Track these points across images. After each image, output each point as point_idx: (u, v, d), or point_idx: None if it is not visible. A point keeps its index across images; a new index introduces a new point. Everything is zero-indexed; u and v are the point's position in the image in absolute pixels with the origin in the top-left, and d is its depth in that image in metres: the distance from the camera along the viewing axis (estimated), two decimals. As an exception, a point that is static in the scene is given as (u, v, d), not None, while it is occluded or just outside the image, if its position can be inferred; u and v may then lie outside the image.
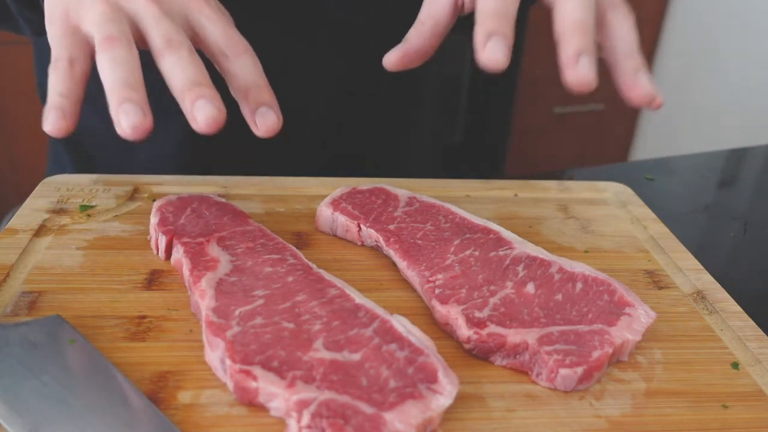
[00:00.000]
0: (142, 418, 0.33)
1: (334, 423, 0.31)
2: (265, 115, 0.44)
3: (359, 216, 0.51)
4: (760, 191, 0.77)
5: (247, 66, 0.44)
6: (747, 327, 0.44)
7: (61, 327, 0.39)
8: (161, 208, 0.49)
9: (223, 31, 0.44)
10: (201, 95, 0.40)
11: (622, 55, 0.44)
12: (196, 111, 0.40)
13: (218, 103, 0.41)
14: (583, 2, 0.42)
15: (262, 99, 0.44)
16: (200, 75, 0.41)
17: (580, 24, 0.42)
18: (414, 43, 0.48)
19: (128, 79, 0.40)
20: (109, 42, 0.41)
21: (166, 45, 0.42)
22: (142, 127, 0.39)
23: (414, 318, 0.41)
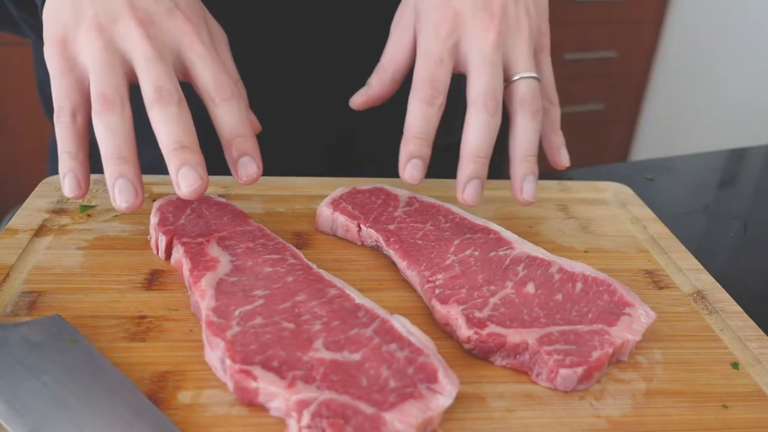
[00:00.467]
0: (142, 418, 0.33)
1: (334, 423, 0.31)
2: (246, 165, 0.46)
3: (359, 216, 0.51)
4: (760, 191, 0.77)
5: (232, 113, 0.46)
6: (747, 327, 0.44)
7: (61, 327, 0.39)
8: (161, 208, 0.49)
9: (212, 74, 0.46)
10: (185, 162, 0.42)
11: (518, 158, 0.50)
12: (180, 178, 0.42)
13: (201, 170, 0.43)
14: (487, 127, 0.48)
15: (243, 148, 0.46)
16: (186, 136, 0.43)
17: (475, 152, 0.48)
18: (376, 89, 0.55)
19: (121, 149, 0.43)
20: (104, 104, 0.43)
21: (156, 97, 0.43)
22: (133, 206, 0.42)
23: (414, 318, 0.41)
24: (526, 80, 0.50)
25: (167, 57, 0.45)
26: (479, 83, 0.49)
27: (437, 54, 0.49)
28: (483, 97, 0.48)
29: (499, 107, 0.49)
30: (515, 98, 0.50)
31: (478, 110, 0.48)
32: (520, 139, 0.50)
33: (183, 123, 0.43)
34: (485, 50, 0.49)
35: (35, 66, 0.74)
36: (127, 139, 0.43)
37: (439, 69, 0.49)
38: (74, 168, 0.45)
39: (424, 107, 0.48)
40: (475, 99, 0.48)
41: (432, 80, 0.49)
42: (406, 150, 0.48)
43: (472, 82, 0.49)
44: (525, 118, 0.50)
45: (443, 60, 0.49)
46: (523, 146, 0.50)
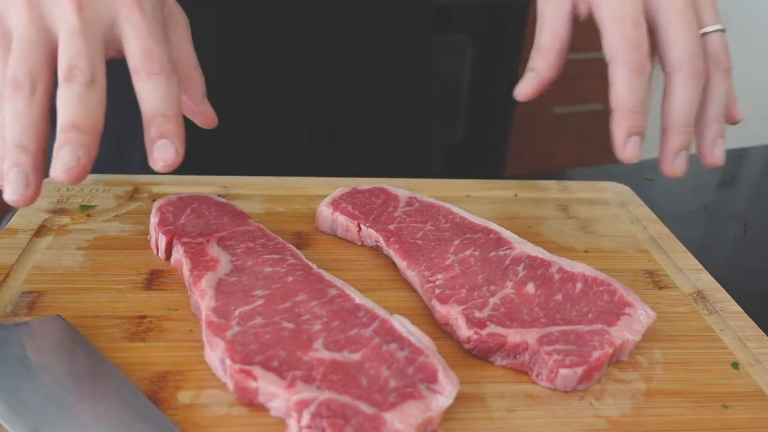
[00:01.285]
0: (142, 418, 0.33)
1: (334, 423, 0.31)
2: (164, 149, 0.40)
3: (359, 216, 0.51)
4: (760, 191, 0.77)
5: (159, 89, 0.41)
6: (747, 327, 0.44)
7: (61, 327, 0.39)
8: (161, 208, 0.49)
9: (142, 45, 0.41)
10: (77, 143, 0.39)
11: (711, 116, 0.46)
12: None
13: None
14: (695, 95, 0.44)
15: (165, 129, 0.41)
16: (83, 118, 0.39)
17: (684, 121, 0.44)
18: (545, 72, 0.48)
19: (21, 137, 0.39)
20: (13, 88, 0.39)
21: (66, 75, 0.40)
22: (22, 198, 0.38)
23: (414, 318, 0.41)
24: (717, 33, 0.46)
25: (97, 30, 0.41)
26: (680, 44, 0.44)
27: (632, 16, 0.44)
28: (690, 60, 0.44)
29: (704, 66, 0.45)
30: (707, 53, 0.45)
31: (686, 76, 0.44)
32: (712, 96, 0.46)
33: (86, 105, 0.39)
34: (678, 4, 0.44)
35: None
36: (31, 125, 0.39)
37: (639, 32, 0.44)
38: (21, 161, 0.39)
39: (634, 78, 0.43)
40: (679, 63, 0.44)
41: (637, 46, 0.44)
42: (623, 126, 0.44)
43: (672, 42, 0.44)
44: (719, 76, 0.46)
45: (639, 22, 0.44)
46: (715, 106, 0.46)
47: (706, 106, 0.46)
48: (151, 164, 0.41)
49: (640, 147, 0.44)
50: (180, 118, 0.42)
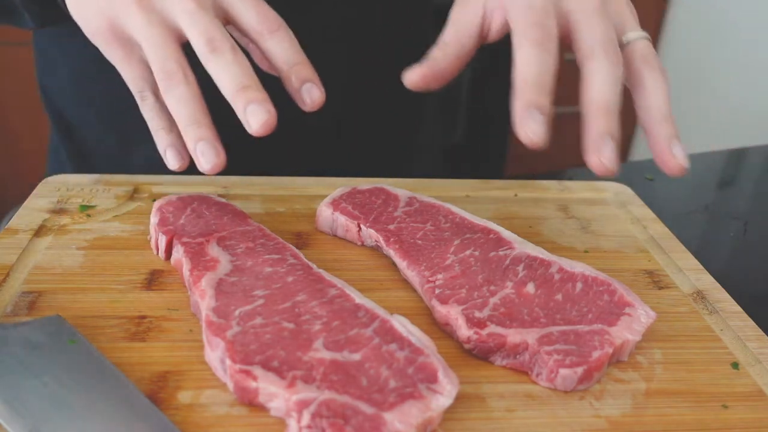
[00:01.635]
0: (142, 418, 0.33)
1: (334, 423, 0.31)
2: (311, 91, 0.45)
3: (359, 216, 0.51)
4: (760, 191, 0.77)
5: (284, 42, 0.45)
6: (747, 327, 0.44)
7: (61, 327, 0.39)
8: (161, 208, 0.49)
9: (255, 10, 0.45)
10: (251, 99, 0.42)
11: (656, 119, 0.43)
12: (249, 116, 0.42)
13: (268, 105, 0.42)
14: (612, 77, 0.42)
15: (304, 75, 0.45)
16: (247, 77, 0.43)
17: (604, 104, 0.41)
18: (439, 63, 0.47)
19: (195, 114, 0.43)
20: (167, 78, 0.43)
21: (209, 48, 0.42)
22: (216, 166, 0.42)
23: (414, 318, 0.41)
24: (642, 40, 0.45)
25: (210, 5, 0.44)
26: (594, 33, 0.43)
27: (541, 5, 0.43)
28: (602, 45, 0.42)
29: (621, 59, 0.43)
30: (637, 58, 0.44)
31: (599, 59, 0.42)
32: (654, 99, 0.44)
33: (240, 65, 0.43)
34: (593, 3, 0.43)
35: (36, 68, 0.74)
36: (197, 104, 0.43)
37: (547, 19, 0.42)
38: (172, 141, 0.46)
39: (537, 51, 0.41)
40: (591, 49, 0.42)
41: (541, 25, 0.42)
42: (523, 100, 0.40)
43: (585, 34, 0.43)
44: (654, 77, 0.44)
45: (548, 12, 0.43)
46: (660, 107, 0.44)
47: (649, 104, 0.44)
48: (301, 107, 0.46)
49: (543, 124, 0.40)
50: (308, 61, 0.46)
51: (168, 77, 0.43)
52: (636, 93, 0.44)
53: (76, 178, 0.57)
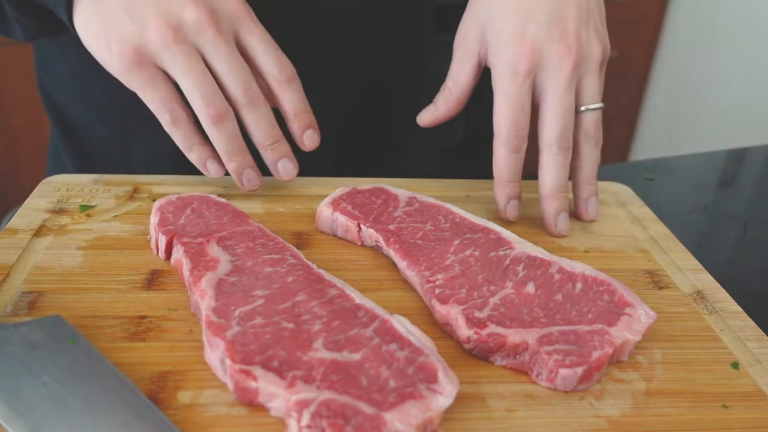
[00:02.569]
0: (142, 418, 0.33)
1: (334, 423, 0.31)
2: (311, 137, 0.54)
3: (359, 216, 0.51)
4: (760, 191, 0.77)
5: (296, 93, 0.53)
6: (747, 327, 0.44)
7: (61, 327, 0.39)
8: (161, 208, 0.49)
9: (274, 58, 0.51)
10: (282, 154, 0.53)
11: (583, 180, 0.55)
12: (280, 168, 0.53)
13: (295, 160, 0.54)
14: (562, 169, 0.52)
15: (307, 122, 0.54)
16: (277, 131, 0.52)
17: (556, 189, 0.52)
18: (442, 110, 0.58)
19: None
20: (218, 119, 0.49)
21: (246, 100, 0.50)
22: (258, 186, 0.54)
23: (414, 318, 0.41)
24: (592, 112, 0.53)
25: (234, 45, 0.50)
26: (554, 127, 0.51)
27: (519, 100, 0.51)
28: (558, 141, 0.51)
29: (570, 143, 0.52)
30: (581, 129, 0.53)
31: (553, 153, 0.52)
32: (583, 165, 0.54)
33: (271, 119, 0.51)
34: (560, 91, 0.51)
35: (36, 66, 0.74)
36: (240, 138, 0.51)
37: (522, 116, 0.51)
38: (211, 153, 0.52)
39: (512, 155, 0.52)
40: (549, 142, 0.51)
41: (516, 128, 0.51)
42: (504, 194, 0.53)
43: (547, 123, 0.52)
44: (588, 149, 0.54)
45: (524, 106, 0.52)
46: (586, 172, 0.54)
47: (579, 172, 0.55)
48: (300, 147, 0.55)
49: (519, 208, 0.54)
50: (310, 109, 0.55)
51: (218, 118, 0.49)
52: (573, 156, 0.54)
53: (76, 178, 0.57)
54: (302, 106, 0.53)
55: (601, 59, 0.53)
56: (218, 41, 0.48)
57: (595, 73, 0.53)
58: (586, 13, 0.53)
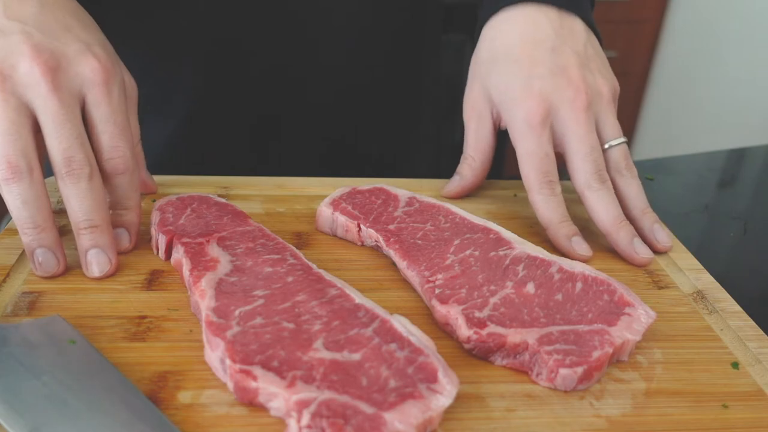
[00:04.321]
0: (142, 418, 0.33)
1: (334, 423, 0.31)
2: (120, 236, 0.47)
3: (359, 216, 0.51)
4: (760, 191, 0.77)
5: (120, 187, 0.46)
6: (747, 327, 0.44)
7: (61, 327, 0.39)
8: (161, 208, 0.49)
9: (108, 142, 0.45)
10: (95, 243, 0.44)
11: (637, 213, 0.53)
12: (90, 260, 0.44)
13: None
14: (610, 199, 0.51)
15: (122, 221, 0.47)
16: (97, 213, 0.43)
17: (616, 219, 0.51)
18: (469, 178, 0.58)
19: (35, 218, 0.42)
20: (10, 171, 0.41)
21: (66, 170, 0.42)
22: (56, 274, 0.44)
23: (414, 318, 0.41)
24: (617, 147, 0.53)
25: (76, 111, 0.43)
26: (586, 167, 0.51)
27: (542, 150, 0.52)
28: (595, 177, 0.51)
29: (607, 176, 0.52)
30: (611, 166, 0.53)
31: (594, 190, 0.51)
32: (631, 199, 0.53)
33: (94, 198, 0.43)
34: (581, 132, 0.51)
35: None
36: (39, 206, 0.42)
37: (547, 162, 0.52)
38: None
39: (551, 199, 0.51)
40: (587, 182, 0.51)
41: (545, 175, 0.51)
42: (562, 235, 0.51)
43: (579, 167, 0.51)
44: (626, 181, 0.53)
45: (548, 154, 0.52)
46: (637, 203, 0.53)
47: (629, 207, 0.53)
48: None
49: (584, 242, 0.51)
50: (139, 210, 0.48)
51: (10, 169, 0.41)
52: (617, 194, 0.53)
53: (76, 178, 0.57)
54: (122, 201, 0.47)
55: (610, 96, 0.54)
56: (51, 99, 0.42)
57: (609, 111, 0.53)
58: (586, 59, 0.54)
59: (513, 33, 0.55)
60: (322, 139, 0.73)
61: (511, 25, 0.55)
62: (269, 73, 0.68)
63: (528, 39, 0.54)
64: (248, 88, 0.68)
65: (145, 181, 0.55)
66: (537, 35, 0.54)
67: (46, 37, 0.43)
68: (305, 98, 0.70)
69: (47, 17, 0.44)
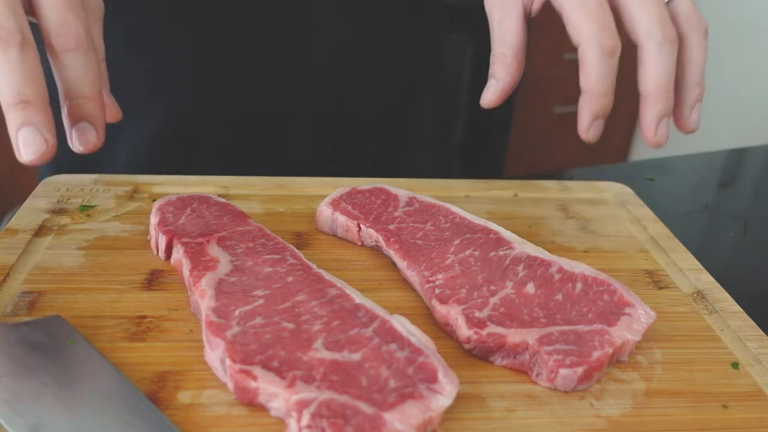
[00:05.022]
0: (142, 418, 0.33)
1: (334, 423, 0.31)
2: (84, 131, 0.40)
3: (359, 216, 0.51)
4: (760, 191, 0.77)
5: (76, 67, 0.39)
6: (747, 327, 0.44)
7: (61, 327, 0.39)
8: (161, 208, 0.49)
9: (54, 17, 0.39)
10: (26, 120, 0.37)
11: (689, 80, 0.46)
12: (21, 141, 0.37)
13: (47, 132, 0.37)
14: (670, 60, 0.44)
15: (83, 111, 0.40)
16: (30, 86, 0.37)
17: (664, 87, 0.44)
18: (506, 79, 0.48)
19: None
20: None
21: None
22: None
23: (414, 318, 0.41)
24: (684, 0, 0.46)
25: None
26: (649, 13, 0.44)
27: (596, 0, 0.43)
28: (660, 28, 0.43)
29: (675, 33, 0.44)
30: (679, 18, 0.45)
31: (656, 41, 0.43)
32: (690, 60, 0.46)
33: (26, 70, 0.36)
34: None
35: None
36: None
37: (605, 12, 0.43)
38: None
39: (606, 60, 0.43)
40: (650, 32, 0.44)
41: (604, 26, 0.43)
42: (592, 109, 0.44)
43: (640, 15, 0.44)
44: (695, 38, 0.46)
45: (602, 3, 0.44)
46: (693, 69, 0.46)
47: (686, 70, 0.46)
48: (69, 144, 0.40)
49: (602, 128, 0.45)
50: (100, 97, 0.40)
51: None
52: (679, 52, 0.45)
53: (76, 178, 0.57)
54: (79, 88, 0.39)
55: None
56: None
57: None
58: None
59: None
60: (322, 140, 0.73)
61: None
62: (269, 72, 0.68)
63: None
64: (247, 87, 0.68)
65: (109, 104, 0.46)
66: None
67: None
68: (305, 98, 0.70)
69: None
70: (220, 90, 0.68)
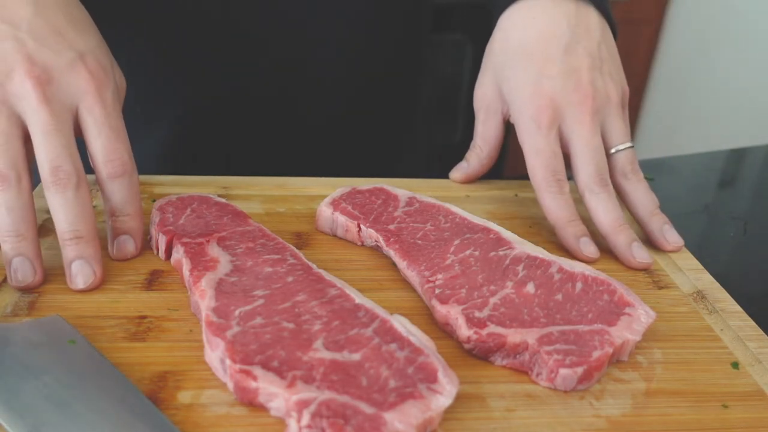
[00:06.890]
0: (142, 418, 0.33)
1: (334, 423, 0.31)
2: (125, 243, 0.46)
3: (359, 216, 0.51)
4: (760, 191, 0.77)
5: (119, 192, 0.46)
6: (747, 327, 0.44)
7: (61, 327, 0.39)
8: (161, 208, 0.49)
9: (104, 145, 0.45)
10: (80, 254, 0.43)
11: (645, 216, 0.53)
12: (73, 271, 0.43)
13: (96, 265, 0.43)
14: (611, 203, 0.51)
15: (126, 227, 0.46)
16: (83, 223, 0.43)
17: (615, 223, 0.51)
18: (475, 166, 0.60)
19: (18, 226, 0.42)
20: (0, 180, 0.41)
21: (53, 179, 0.42)
22: (31, 285, 0.42)
23: (414, 318, 0.41)
24: (623, 152, 0.54)
25: (66, 121, 0.43)
26: (588, 169, 0.52)
27: (549, 149, 0.52)
28: (595, 180, 0.51)
29: (608, 179, 0.52)
30: (617, 170, 0.54)
31: (595, 193, 0.51)
32: (638, 202, 0.53)
33: (80, 208, 0.43)
34: (585, 136, 0.52)
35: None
36: (24, 215, 0.42)
37: (555, 161, 0.52)
38: None
39: (559, 197, 0.51)
40: (588, 186, 0.52)
41: (553, 173, 0.51)
42: (570, 235, 0.51)
43: (581, 169, 0.52)
44: (632, 185, 0.53)
45: (555, 153, 0.52)
46: (645, 205, 0.53)
47: (637, 210, 0.53)
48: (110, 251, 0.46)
49: (593, 243, 0.51)
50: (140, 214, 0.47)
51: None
52: (623, 198, 0.54)
53: (76, 178, 0.57)
54: (124, 207, 0.46)
55: (619, 100, 0.54)
56: (41, 110, 0.42)
57: (617, 115, 0.54)
58: (599, 61, 0.54)
59: (528, 27, 0.55)
60: (322, 140, 0.73)
61: (527, 19, 0.55)
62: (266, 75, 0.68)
63: (543, 35, 0.54)
64: (246, 89, 0.68)
65: None
66: (552, 30, 0.54)
67: (38, 46, 0.43)
68: (305, 98, 0.70)
69: (40, 21, 0.43)
70: (221, 94, 0.68)
